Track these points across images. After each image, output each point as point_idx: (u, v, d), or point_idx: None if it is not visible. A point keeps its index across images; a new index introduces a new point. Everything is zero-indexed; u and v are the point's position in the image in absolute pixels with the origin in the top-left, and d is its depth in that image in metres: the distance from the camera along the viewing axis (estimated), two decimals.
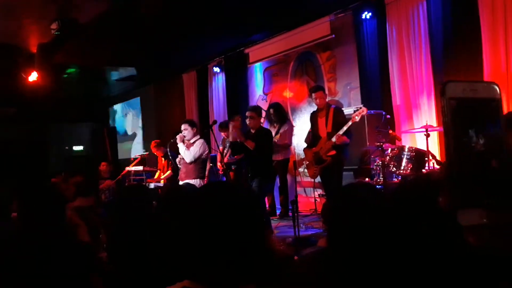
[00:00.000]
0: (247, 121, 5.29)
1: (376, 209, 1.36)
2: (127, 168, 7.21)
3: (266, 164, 5.07)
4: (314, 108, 5.50)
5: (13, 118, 9.04)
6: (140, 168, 7.17)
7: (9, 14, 5.54)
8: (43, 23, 5.76)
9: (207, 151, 5.71)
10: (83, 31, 5.83)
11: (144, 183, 6.56)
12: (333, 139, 4.73)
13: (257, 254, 1.34)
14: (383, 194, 1.58)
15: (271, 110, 6.19)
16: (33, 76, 6.98)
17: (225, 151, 6.13)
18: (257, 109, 5.45)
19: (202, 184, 5.18)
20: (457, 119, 1.48)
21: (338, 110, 5.12)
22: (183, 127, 5.70)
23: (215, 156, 6.51)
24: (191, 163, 5.51)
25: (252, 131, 5.36)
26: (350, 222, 1.48)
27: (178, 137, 5.56)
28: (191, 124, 5.71)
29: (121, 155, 9.98)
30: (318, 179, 5.38)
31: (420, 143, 4.86)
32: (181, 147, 5.50)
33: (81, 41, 6.36)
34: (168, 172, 6.65)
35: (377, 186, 4.51)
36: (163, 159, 6.98)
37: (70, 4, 5.26)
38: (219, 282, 1.20)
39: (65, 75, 8.20)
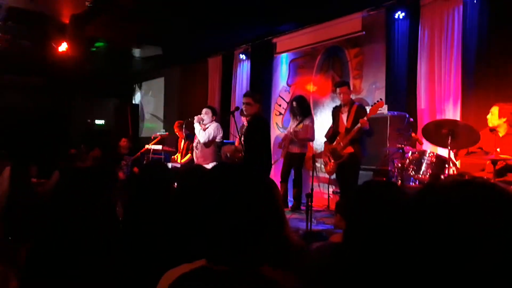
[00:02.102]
0: (243, 107, 5.28)
1: (400, 208, 1.36)
2: (146, 146, 7.32)
3: (257, 156, 5.07)
4: (337, 103, 5.48)
5: (40, 87, 9.23)
6: (159, 147, 7.27)
7: None
8: None
9: (221, 134, 5.79)
10: (116, 6, 5.89)
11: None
12: (358, 125, 4.72)
13: (275, 238, 1.37)
14: (408, 193, 1.57)
15: (294, 103, 6.09)
16: (63, 47, 7.10)
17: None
18: (254, 96, 5.44)
19: None
20: None
21: (361, 107, 5.11)
22: (204, 111, 5.78)
23: (233, 142, 6.55)
24: (205, 144, 5.61)
25: (248, 118, 5.38)
26: (370, 219, 1.49)
27: (196, 117, 5.66)
28: (213, 111, 5.84)
29: (142, 133, 10.11)
30: (333, 176, 5.38)
31: (441, 149, 4.80)
32: (197, 126, 5.61)
33: (112, 16, 6.43)
34: (188, 155, 6.73)
35: None
36: (183, 140, 7.06)
37: None
38: (235, 262, 1.23)
39: (94, 49, 8.31)
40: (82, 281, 1.89)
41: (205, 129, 5.75)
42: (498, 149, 4.01)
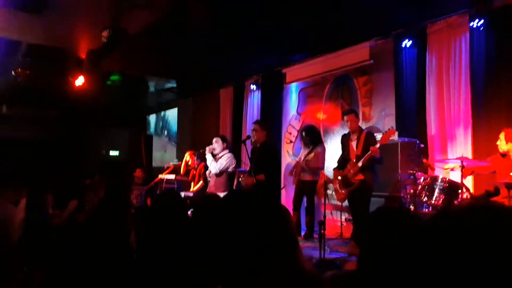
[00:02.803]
0: (252, 134, 5.47)
1: (414, 233, 1.38)
2: (160, 176, 7.39)
3: (266, 180, 5.20)
4: (346, 131, 5.53)
5: (55, 120, 9.45)
6: (172, 176, 7.34)
7: (64, 19, 5.86)
8: (94, 30, 6.08)
9: (234, 165, 5.85)
10: (131, 41, 6.11)
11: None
12: (369, 152, 4.75)
13: (289, 266, 1.39)
14: (420, 219, 1.58)
15: (304, 133, 6.12)
16: (80, 81, 7.32)
17: None
18: (261, 123, 5.61)
19: None
20: None
21: (370, 134, 5.15)
22: (214, 140, 5.89)
23: (245, 171, 6.59)
24: (216, 175, 5.67)
25: (257, 144, 5.50)
26: (383, 245, 1.51)
27: (207, 148, 5.75)
28: (223, 139, 5.93)
29: (155, 163, 10.23)
30: (345, 203, 5.37)
31: (453, 174, 4.78)
32: (208, 157, 5.69)
33: (127, 50, 6.65)
34: (201, 182, 6.78)
35: None
36: (194, 170, 7.13)
37: (122, 13, 5.54)
38: None
39: (109, 82, 8.54)
40: None
41: (217, 159, 5.81)
42: (511, 173, 4.00)
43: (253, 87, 8.31)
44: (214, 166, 5.71)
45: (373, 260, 1.51)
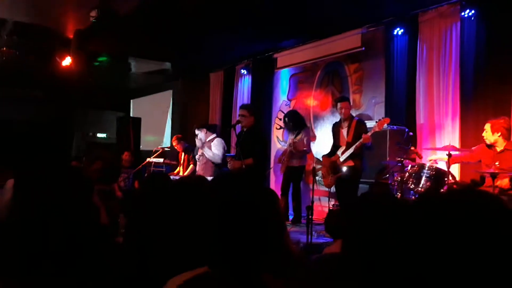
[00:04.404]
0: (239, 119, 5.47)
1: (397, 218, 1.39)
2: (148, 159, 7.36)
3: (253, 165, 5.25)
4: (336, 118, 5.55)
5: (42, 100, 9.31)
6: (161, 160, 7.31)
7: None
8: (83, 10, 5.95)
9: (224, 150, 5.85)
10: (120, 22, 6.00)
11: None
12: (360, 140, 4.80)
13: (276, 246, 1.40)
14: (404, 203, 1.60)
15: (286, 119, 6.15)
16: (67, 61, 7.19)
17: None
18: (249, 108, 5.60)
19: None
20: None
21: (361, 122, 5.19)
22: (196, 132, 5.89)
23: (233, 156, 6.59)
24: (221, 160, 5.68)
25: (245, 129, 5.51)
26: (368, 230, 1.52)
27: (198, 147, 5.74)
28: (201, 126, 5.93)
29: (143, 146, 10.17)
30: (333, 189, 5.42)
31: (440, 163, 4.84)
32: (207, 152, 5.67)
33: (116, 31, 6.53)
34: (191, 166, 6.77)
35: None
36: (183, 153, 7.11)
37: None
38: (237, 269, 1.26)
39: (96, 63, 8.41)
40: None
41: (209, 146, 5.80)
42: (496, 163, 4.05)
43: (243, 71, 8.26)
44: (217, 158, 5.71)
45: (358, 246, 1.53)
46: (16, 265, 1.77)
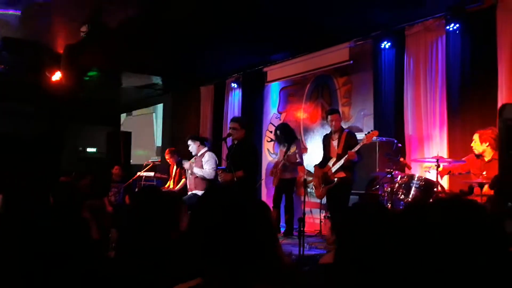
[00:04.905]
0: (230, 131, 5.48)
1: (386, 226, 1.42)
2: (139, 173, 7.33)
3: (244, 177, 5.25)
4: (326, 130, 5.62)
5: (31, 115, 9.25)
6: (151, 174, 7.28)
7: (42, 13, 5.72)
8: (73, 25, 5.97)
9: (215, 164, 5.84)
10: (110, 37, 6.03)
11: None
12: (345, 156, 4.86)
13: (269, 257, 1.41)
14: (393, 213, 1.64)
15: (278, 132, 6.23)
16: (57, 76, 7.18)
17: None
18: (240, 120, 5.62)
19: None
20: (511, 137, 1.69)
21: (351, 134, 5.26)
22: (188, 142, 5.87)
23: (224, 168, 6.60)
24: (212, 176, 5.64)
25: (236, 142, 5.52)
26: (358, 239, 1.55)
27: (187, 164, 5.70)
28: (194, 138, 5.91)
29: (134, 161, 10.13)
30: (324, 200, 5.45)
31: (429, 174, 4.90)
32: (197, 172, 5.63)
33: (106, 46, 6.55)
34: (183, 180, 6.76)
35: None
36: (175, 167, 7.10)
37: (102, 9, 5.46)
38: (230, 280, 1.27)
39: (87, 78, 8.40)
40: None
41: (199, 160, 5.78)
42: (484, 173, 4.12)
43: (234, 85, 8.31)
44: (209, 173, 5.68)
45: (349, 254, 1.56)
46: (6, 280, 1.75)
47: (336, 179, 5.05)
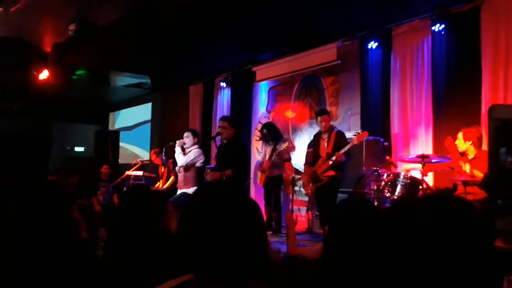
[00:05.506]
0: (219, 130, 5.48)
1: (373, 222, 1.47)
2: (127, 172, 7.31)
3: (233, 176, 5.26)
4: (314, 129, 5.67)
5: (18, 113, 9.16)
6: (140, 173, 7.27)
7: (30, 11, 5.67)
8: (60, 23, 5.93)
9: (202, 160, 5.82)
10: (99, 35, 6.00)
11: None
12: (333, 158, 4.91)
13: (259, 254, 1.45)
14: (379, 210, 1.69)
15: (264, 130, 6.27)
16: (44, 74, 7.12)
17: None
18: (229, 119, 5.63)
19: None
20: (499, 136, 1.74)
21: (340, 133, 5.32)
22: (185, 134, 5.85)
23: (213, 167, 6.62)
24: (184, 169, 5.63)
25: (225, 141, 5.55)
26: (347, 235, 1.60)
27: (177, 141, 5.70)
28: (194, 133, 5.88)
29: (122, 160, 10.10)
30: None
31: (414, 172, 4.99)
32: (177, 150, 5.62)
33: (95, 44, 6.52)
34: (172, 178, 6.76)
35: None
36: (162, 167, 7.11)
37: (90, 7, 5.43)
38: (221, 275, 1.31)
39: (74, 76, 8.35)
40: None
41: (186, 154, 5.79)
42: (467, 171, 4.22)
43: (223, 84, 8.33)
44: (181, 159, 5.67)
45: (337, 249, 1.60)
46: None
47: (325, 177, 5.11)
